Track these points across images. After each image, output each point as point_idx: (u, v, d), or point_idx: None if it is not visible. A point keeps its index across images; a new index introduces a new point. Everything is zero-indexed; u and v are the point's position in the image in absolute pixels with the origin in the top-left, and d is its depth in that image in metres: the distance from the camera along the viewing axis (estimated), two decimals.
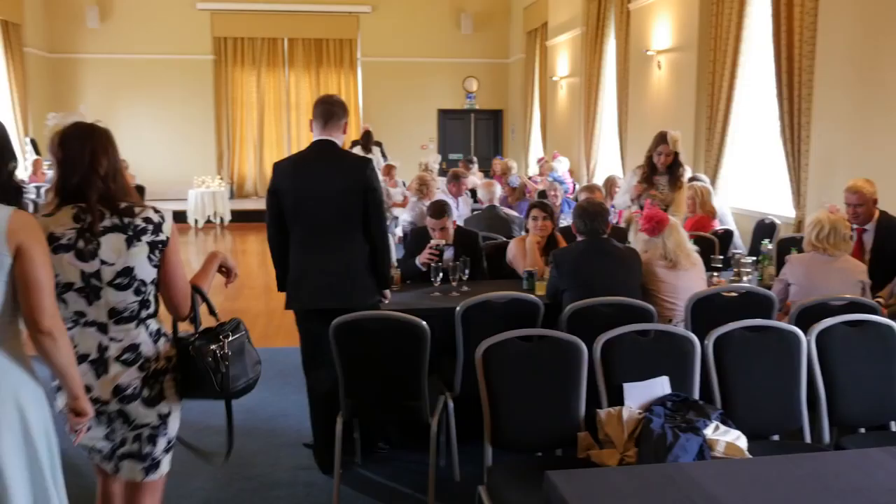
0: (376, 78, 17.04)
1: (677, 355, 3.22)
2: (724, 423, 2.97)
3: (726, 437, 2.87)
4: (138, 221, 2.47)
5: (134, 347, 2.51)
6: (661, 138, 5.88)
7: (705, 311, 3.91)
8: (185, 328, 2.66)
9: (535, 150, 15.51)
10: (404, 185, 9.46)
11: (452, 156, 16.37)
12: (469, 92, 17.62)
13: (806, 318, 3.67)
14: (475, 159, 12.52)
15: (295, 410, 4.86)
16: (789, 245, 5.29)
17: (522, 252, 4.90)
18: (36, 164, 12.99)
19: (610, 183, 7.88)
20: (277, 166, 3.87)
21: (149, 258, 2.48)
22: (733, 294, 4.08)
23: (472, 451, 3.69)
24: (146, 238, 2.47)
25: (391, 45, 17.03)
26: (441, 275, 4.51)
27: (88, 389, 2.44)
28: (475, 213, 7.45)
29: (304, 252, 3.81)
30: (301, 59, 17.30)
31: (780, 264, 4.59)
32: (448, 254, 4.89)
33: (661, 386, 3.11)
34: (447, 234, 4.90)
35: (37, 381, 2.30)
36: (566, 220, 6.90)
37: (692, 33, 8.90)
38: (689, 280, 4.17)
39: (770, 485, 2.26)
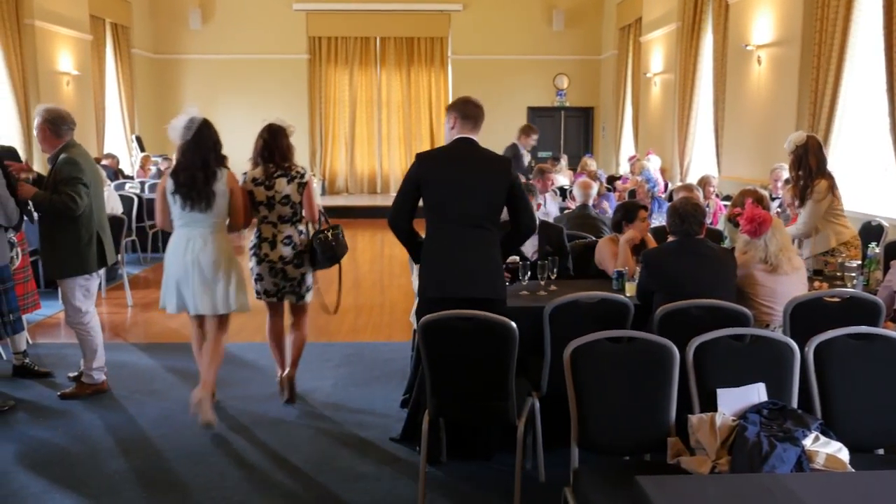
0: (466, 75, 17.09)
1: (775, 362, 3.10)
2: (824, 433, 2.84)
3: (827, 449, 2.74)
4: (293, 173, 4.79)
5: (290, 237, 4.79)
6: None
7: (805, 316, 3.75)
8: None
9: (627, 148, 15.24)
10: None
11: (542, 154, 16.26)
12: (560, 89, 17.46)
13: None
14: (560, 157, 12.38)
15: (381, 405, 4.92)
16: None
17: (612, 252, 4.82)
18: (144, 161, 13.53)
19: (704, 182, 7.66)
20: (424, 157, 3.98)
21: (296, 191, 4.75)
22: (836, 300, 3.90)
23: (558, 452, 3.66)
24: (296, 180, 4.77)
25: (482, 42, 17.05)
26: (528, 273, 4.47)
27: (267, 255, 4.77)
28: (565, 212, 7.37)
29: (446, 242, 3.85)
30: (393, 57, 17.53)
31: (889, 269, 4.36)
32: (532, 241, 4.87)
33: (756, 393, 3.00)
34: None
35: (232, 249, 4.62)
36: (656, 221, 6.75)
37: (795, 26, 8.56)
38: (789, 285, 4.00)
39: (873, 501, 2.15)
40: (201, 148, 4.44)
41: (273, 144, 4.76)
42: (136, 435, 4.48)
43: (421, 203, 3.93)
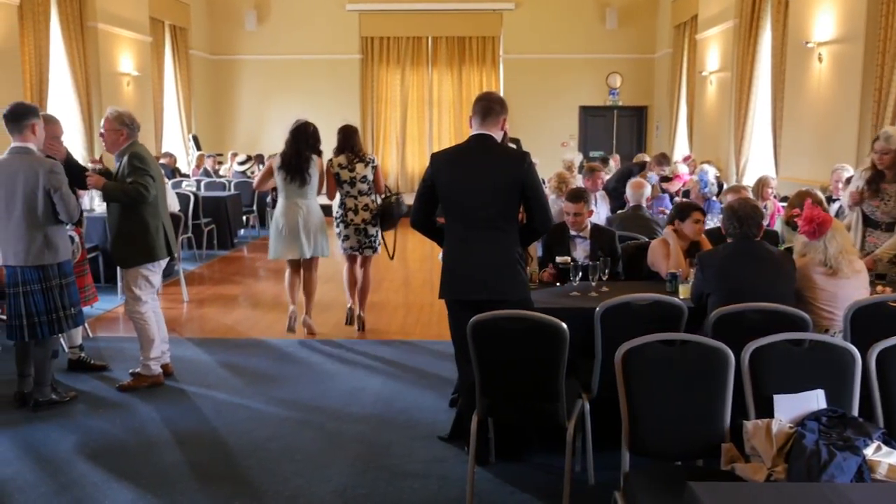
0: (518, 75, 17.02)
1: (835, 368, 3.01)
2: (886, 443, 2.74)
3: (889, 459, 2.65)
4: (367, 159, 6.43)
5: (367, 204, 6.43)
6: (877, 136, 5.13)
7: (867, 321, 3.62)
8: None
9: (681, 147, 15.00)
10: (544, 182, 9.36)
11: (593, 153, 16.10)
12: (612, 88, 17.27)
13: None
14: (610, 157, 12.22)
15: (430, 403, 4.93)
16: None
17: (665, 253, 4.74)
18: (200, 160, 13.83)
19: (763, 183, 7.48)
20: (436, 157, 3.94)
21: (370, 172, 6.40)
22: None
23: (608, 455, 3.61)
24: (370, 164, 6.42)
25: (534, 41, 16.97)
26: (580, 274, 4.43)
27: (353, 220, 6.39)
28: (618, 212, 7.29)
29: (458, 243, 3.86)
30: (444, 56, 17.57)
31: None
32: (584, 246, 4.83)
33: (815, 399, 2.92)
34: (581, 222, 4.89)
35: (321, 213, 6.36)
36: (709, 223, 6.62)
37: (859, 22, 8.31)
38: (850, 289, 3.88)
39: None
40: (298, 141, 6.14)
41: (353, 139, 6.42)
42: (190, 428, 4.57)
43: None
